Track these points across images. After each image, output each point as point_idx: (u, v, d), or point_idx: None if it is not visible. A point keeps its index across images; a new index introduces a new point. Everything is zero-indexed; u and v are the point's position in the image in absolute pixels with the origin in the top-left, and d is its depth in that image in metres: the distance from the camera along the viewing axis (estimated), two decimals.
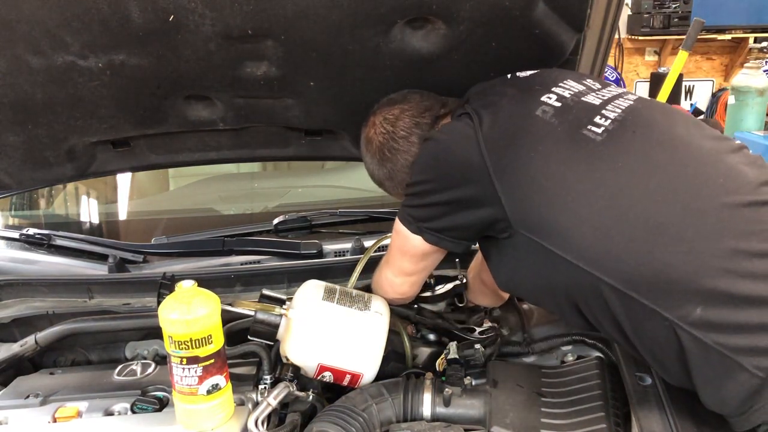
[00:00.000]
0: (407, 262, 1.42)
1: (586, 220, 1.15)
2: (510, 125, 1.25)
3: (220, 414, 1.22)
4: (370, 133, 1.47)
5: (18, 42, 1.30)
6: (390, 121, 1.43)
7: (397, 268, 1.45)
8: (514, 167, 1.20)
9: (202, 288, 1.20)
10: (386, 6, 1.28)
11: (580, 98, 1.28)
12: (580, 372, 1.38)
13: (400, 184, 1.45)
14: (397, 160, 1.44)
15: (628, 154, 1.19)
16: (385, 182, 1.51)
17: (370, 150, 1.48)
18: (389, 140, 1.43)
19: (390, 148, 1.44)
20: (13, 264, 1.98)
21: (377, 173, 1.50)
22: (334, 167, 2.69)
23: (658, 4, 6.82)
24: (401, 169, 1.44)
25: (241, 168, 2.70)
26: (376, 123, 1.45)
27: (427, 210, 1.31)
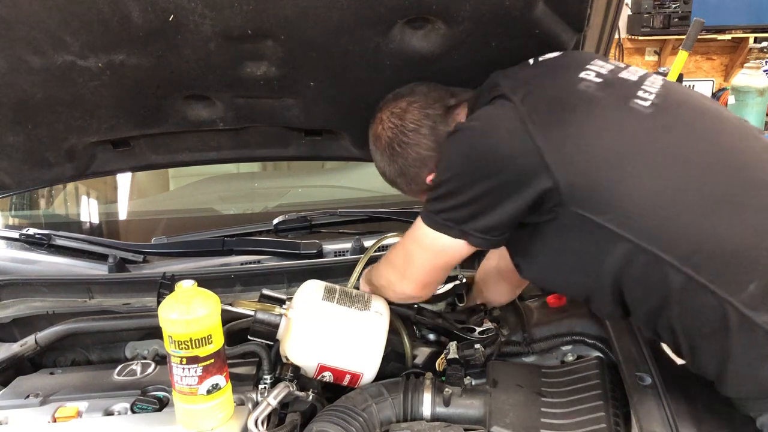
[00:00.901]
0: (436, 273, 1.36)
1: (647, 193, 1.12)
2: (554, 101, 1.20)
3: (220, 414, 1.22)
4: (377, 130, 1.42)
5: (18, 42, 1.30)
6: (397, 115, 1.38)
7: (418, 281, 1.37)
8: (566, 142, 1.15)
9: (202, 288, 1.20)
10: (386, 6, 1.28)
11: (616, 75, 1.25)
12: (580, 372, 1.38)
13: (414, 180, 1.41)
14: (408, 154, 1.38)
15: (681, 126, 1.17)
16: (397, 179, 1.44)
17: (379, 147, 1.42)
18: (398, 134, 1.38)
19: (400, 142, 1.38)
20: (13, 264, 1.98)
21: (388, 170, 1.44)
22: (334, 167, 2.69)
23: (658, 4, 6.82)
24: (414, 164, 1.38)
25: (241, 168, 2.70)
26: (384, 119, 1.40)
27: (470, 208, 1.22)
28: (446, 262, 1.33)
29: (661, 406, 1.20)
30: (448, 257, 1.31)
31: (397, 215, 2.09)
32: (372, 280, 1.52)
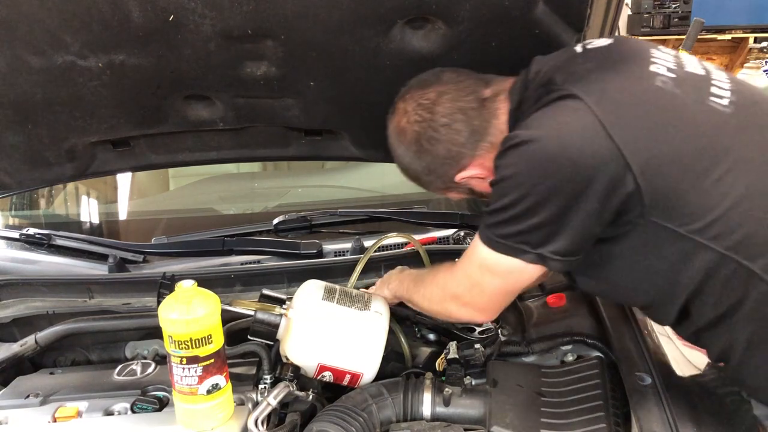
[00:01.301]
0: (508, 297, 1.27)
1: (734, 200, 1.06)
2: (633, 100, 1.11)
3: (220, 414, 1.22)
4: (402, 123, 1.30)
5: (18, 42, 1.30)
6: (426, 107, 1.26)
7: (486, 309, 1.28)
8: (652, 145, 1.07)
9: (202, 288, 1.20)
10: (386, 6, 1.28)
11: (684, 68, 1.17)
12: (580, 372, 1.38)
13: (442, 178, 1.31)
14: (438, 151, 1.26)
15: (757, 127, 1.12)
16: (422, 176, 1.34)
17: (404, 141, 1.30)
18: (427, 129, 1.25)
19: (429, 138, 1.26)
20: (13, 264, 1.98)
21: (413, 167, 1.33)
22: (334, 167, 2.69)
23: (658, 4, 6.82)
24: (443, 161, 1.27)
25: (241, 168, 2.70)
26: (409, 110, 1.28)
27: (547, 228, 1.11)
28: (520, 285, 1.24)
29: (661, 406, 1.20)
30: (522, 281, 1.22)
31: (397, 215, 2.09)
32: (408, 296, 1.45)
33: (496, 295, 1.26)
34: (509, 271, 1.18)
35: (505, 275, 1.20)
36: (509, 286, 1.23)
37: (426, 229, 2.08)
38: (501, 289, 1.24)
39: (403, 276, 1.52)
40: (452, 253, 1.83)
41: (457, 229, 2.06)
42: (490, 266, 1.19)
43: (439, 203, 2.40)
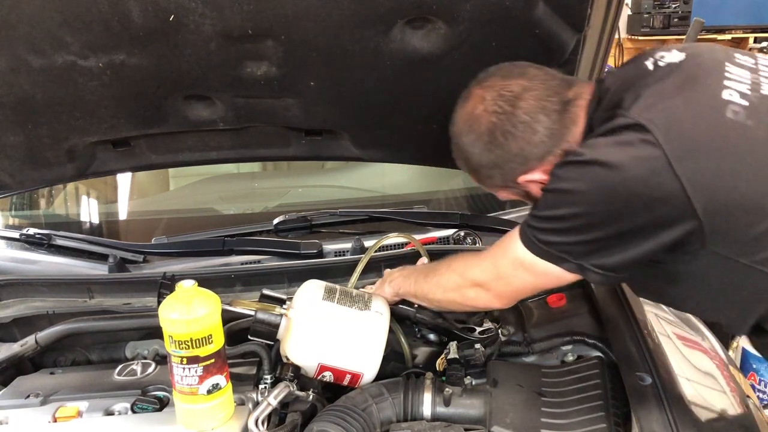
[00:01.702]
0: (533, 292, 1.32)
1: None
2: (701, 135, 1.07)
3: (221, 414, 1.22)
4: (477, 110, 1.23)
5: (18, 42, 1.31)
6: (508, 100, 1.20)
7: (510, 298, 1.31)
8: (718, 186, 1.05)
9: (203, 288, 1.20)
10: (386, 6, 1.28)
11: (759, 90, 1.13)
12: (580, 372, 1.38)
13: (504, 175, 1.26)
14: (510, 147, 1.21)
15: None
16: (483, 170, 1.28)
17: (475, 130, 1.23)
18: (505, 122, 1.20)
19: (505, 132, 1.20)
20: (14, 264, 1.98)
21: (477, 158, 1.26)
22: (334, 167, 2.69)
23: (658, 4, 6.82)
24: (513, 159, 1.22)
25: (241, 168, 2.70)
26: (487, 98, 1.22)
27: (595, 245, 1.11)
28: (550, 285, 1.27)
29: (661, 406, 1.20)
30: (553, 282, 1.23)
31: (397, 215, 2.09)
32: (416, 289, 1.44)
33: (522, 289, 1.28)
34: (544, 273, 1.18)
35: (540, 275, 1.20)
36: (539, 285, 1.26)
37: (426, 229, 2.08)
38: (530, 286, 1.26)
39: (407, 271, 1.51)
40: (452, 253, 1.83)
41: (457, 229, 2.06)
42: (526, 264, 1.20)
43: (439, 203, 2.40)
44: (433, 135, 1.72)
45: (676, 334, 1.55)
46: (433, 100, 1.59)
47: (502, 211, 2.23)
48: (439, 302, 1.43)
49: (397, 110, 1.63)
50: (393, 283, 1.52)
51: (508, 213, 2.20)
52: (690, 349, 1.54)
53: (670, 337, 1.49)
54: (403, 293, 1.50)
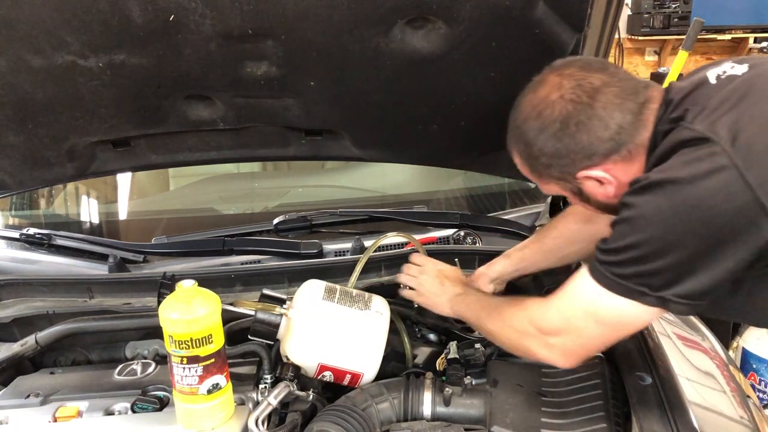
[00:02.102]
0: (603, 346, 1.23)
1: None
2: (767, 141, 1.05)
3: (221, 413, 1.22)
4: (552, 96, 1.19)
5: (18, 42, 1.30)
6: (587, 91, 1.16)
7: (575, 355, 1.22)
8: None
9: (203, 288, 1.20)
10: (386, 6, 1.28)
11: None
12: (580, 372, 1.38)
13: (564, 167, 1.21)
14: (580, 139, 1.17)
15: None
16: (543, 158, 1.22)
17: (546, 115, 1.19)
18: (581, 113, 1.16)
19: (579, 122, 1.16)
20: (14, 264, 1.98)
21: (541, 144, 1.21)
22: (334, 167, 2.69)
23: (658, 4, 6.83)
24: (579, 152, 1.18)
25: (241, 168, 2.70)
26: (565, 86, 1.18)
27: (673, 272, 1.07)
28: (623, 335, 1.19)
29: (661, 406, 1.20)
30: (628, 329, 1.18)
31: (397, 215, 2.09)
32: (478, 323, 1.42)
33: (593, 343, 1.21)
34: (620, 316, 1.13)
35: (614, 322, 1.15)
36: (613, 334, 1.18)
37: (426, 229, 2.08)
38: (602, 338, 1.19)
39: (471, 298, 1.49)
40: (452, 253, 1.84)
41: (457, 229, 2.06)
42: (599, 311, 1.14)
43: (439, 203, 2.40)
44: (433, 135, 1.73)
45: (676, 334, 1.55)
46: (433, 100, 1.59)
47: (502, 211, 2.23)
48: (502, 345, 1.38)
49: (397, 110, 1.63)
50: (454, 308, 1.50)
51: (508, 213, 2.20)
52: (690, 349, 1.54)
53: (670, 337, 1.49)
54: (465, 319, 1.49)
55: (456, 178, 2.49)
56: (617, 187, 1.21)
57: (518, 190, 2.36)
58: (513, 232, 2.02)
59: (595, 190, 1.24)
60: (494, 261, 1.67)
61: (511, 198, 2.37)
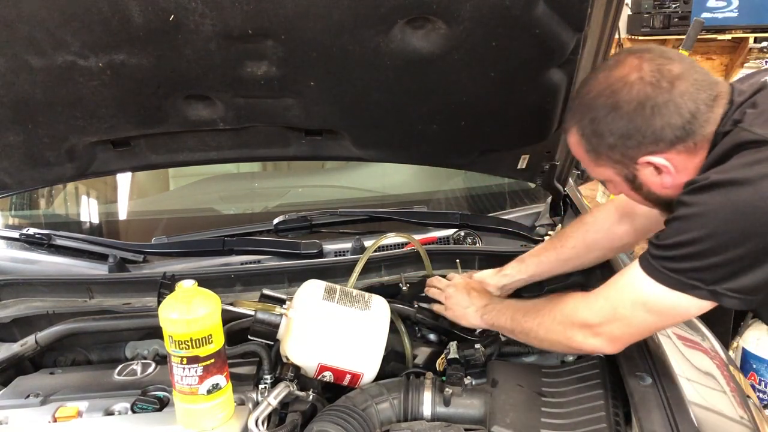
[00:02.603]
0: (649, 334, 1.27)
1: None
2: None
3: (221, 414, 1.22)
4: (631, 77, 1.19)
5: (18, 42, 1.30)
6: (667, 77, 1.16)
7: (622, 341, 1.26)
8: None
9: (203, 288, 1.20)
10: (386, 6, 1.28)
11: None
12: (580, 372, 1.38)
13: (627, 150, 1.21)
14: (653, 123, 1.17)
15: None
16: (607, 137, 1.22)
17: (622, 95, 1.18)
18: (658, 97, 1.16)
19: (654, 105, 1.16)
20: (13, 264, 1.98)
21: (609, 123, 1.20)
22: (334, 167, 2.69)
23: (658, 4, 6.83)
24: (649, 135, 1.18)
25: (241, 168, 2.70)
26: (645, 69, 1.18)
27: (729, 267, 1.10)
28: (671, 324, 1.24)
29: (661, 406, 1.20)
30: (676, 320, 1.22)
31: (397, 215, 2.09)
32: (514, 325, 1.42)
33: (640, 332, 1.24)
34: (671, 308, 1.17)
35: (664, 313, 1.18)
36: (661, 323, 1.22)
37: (426, 229, 2.08)
38: (650, 327, 1.23)
39: (502, 305, 1.50)
40: (452, 253, 1.84)
41: (457, 229, 2.06)
42: (649, 302, 1.18)
43: (439, 203, 2.40)
44: (433, 135, 1.73)
45: (676, 334, 1.55)
46: (433, 100, 1.59)
47: (502, 211, 2.23)
48: (540, 342, 1.39)
49: (397, 110, 1.62)
50: (485, 318, 1.51)
51: (508, 213, 2.20)
52: (690, 349, 1.54)
53: (670, 337, 1.49)
54: (497, 327, 1.49)
55: (456, 178, 2.49)
56: (674, 177, 1.22)
57: (518, 190, 2.37)
58: (513, 232, 2.02)
59: (651, 179, 1.25)
60: (507, 266, 1.68)
61: (511, 198, 2.37)
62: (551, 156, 1.85)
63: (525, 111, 1.62)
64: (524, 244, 1.95)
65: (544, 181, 1.96)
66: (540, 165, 1.89)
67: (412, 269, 1.82)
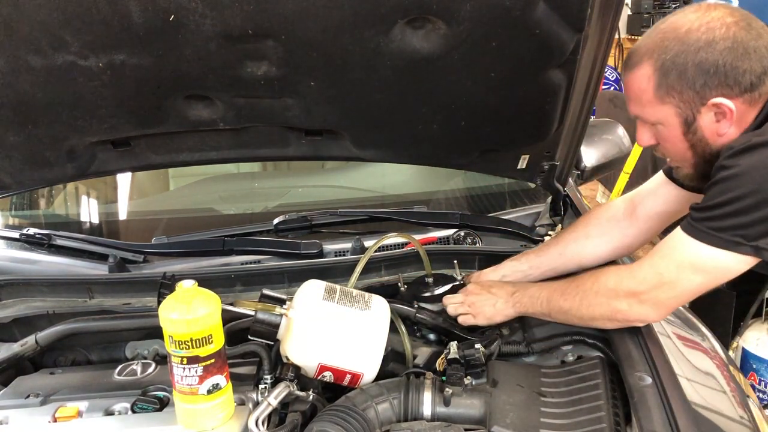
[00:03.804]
0: (696, 295, 1.30)
1: None
2: None
3: (221, 414, 1.22)
4: (726, 18, 1.25)
5: (18, 42, 1.30)
6: (755, 28, 1.25)
7: (669, 306, 1.33)
8: None
9: (203, 288, 1.20)
10: (386, 6, 1.28)
11: None
12: (580, 372, 1.38)
13: (703, 87, 1.26)
14: (739, 66, 1.23)
15: None
16: (690, 68, 1.26)
17: (718, 32, 1.24)
18: (749, 43, 1.23)
19: (746, 49, 1.23)
20: (13, 264, 1.98)
21: (699, 54, 1.25)
22: (334, 167, 2.69)
23: (658, 4, 6.82)
24: (732, 76, 1.24)
25: (241, 168, 2.70)
26: (735, 15, 1.25)
27: None
28: (717, 282, 1.28)
29: (661, 406, 1.20)
30: (721, 277, 1.26)
31: (398, 215, 2.09)
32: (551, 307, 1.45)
33: (687, 293, 1.30)
34: (716, 267, 1.23)
35: (710, 272, 1.24)
36: (708, 283, 1.27)
37: (426, 229, 2.08)
38: (697, 287, 1.28)
39: (533, 290, 1.52)
40: (452, 253, 1.84)
41: (457, 229, 2.06)
42: (695, 262, 1.24)
43: (439, 203, 2.40)
44: (433, 135, 1.73)
45: (676, 334, 1.55)
46: (433, 100, 1.59)
47: (502, 211, 2.23)
48: (580, 319, 1.42)
49: (396, 110, 1.63)
50: (517, 306, 1.52)
51: (508, 213, 2.20)
52: (690, 349, 1.54)
53: (670, 337, 1.49)
54: (532, 313, 1.51)
55: (456, 178, 2.49)
56: (729, 127, 1.27)
57: (518, 190, 2.37)
58: (513, 232, 2.02)
59: (708, 125, 1.30)
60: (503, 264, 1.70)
61: (511, 198, 2.37)
62: (551, 156, 1.85)
63: (525, 111, 1.62)
64: (524, 244, 1.95)
65: (544, 181, 1.96)
66: (540, 165, 1.89)
67: (413, 269, 1.82)
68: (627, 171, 4.54)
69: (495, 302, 1.55)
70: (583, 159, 2.38)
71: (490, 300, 1.56)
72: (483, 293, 1.59)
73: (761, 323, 2.80)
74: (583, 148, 2.27)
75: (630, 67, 1.35)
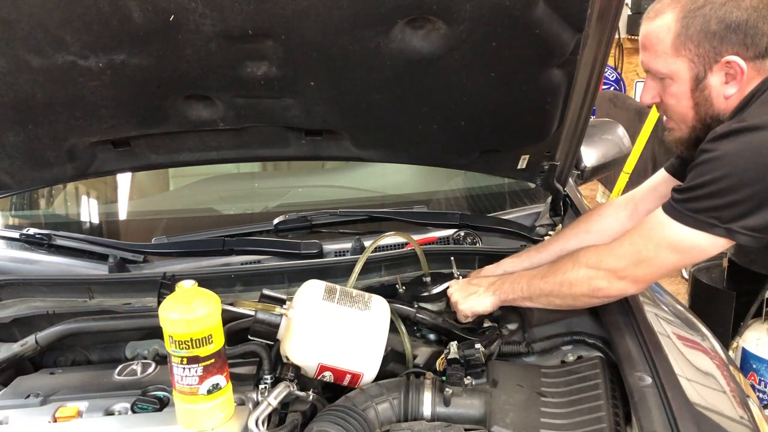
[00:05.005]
0: (671, 272, 1.35)
1: None
2: None
3: (221, 414, 1.22)
4: None
5: (18, 42, 1.30)
6: None
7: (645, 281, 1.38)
8: None
9: (203, 288, 1.20)
10: (386, 6, 1.28)
11: None
12: (580, 372, 1.38)
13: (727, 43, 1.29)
14: (762, 27, 1.27)
15: None
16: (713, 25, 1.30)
17: None
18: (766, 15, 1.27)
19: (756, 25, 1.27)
20: (13, 264, 1.98)
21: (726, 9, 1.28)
22: (334, 167, 2.69)
23: None
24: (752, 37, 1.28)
25: (241, 168, 2.70)
26: None
27: (744, 205, 1.20)
28: (691, 261, 1.36)
29: (661, 406, 1.20)
30: (695, 257, 1.31)
31: (397, 215, 2.09)
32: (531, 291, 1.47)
33: (662, 271, 1.34)
34: (692, 246, 1.26)
35: (686, 250, 1.28)
36: (684, 261, 1.33)
37: (426, 229, 2.08)
38: (673, 265, 1.32)
39: (513, 277, 1.53)
40: (452, 253, 1.84)
41: (457, 229, 2.06)
42: (673, 241, 1.28)
43: (439, 203, 2.40)
44: (433, 135, 1.73)
45: (676, 334, 1.55)
46: (433, 100, 1.59)
47: (502, 211, 2.23)
48: (563, 300, 1.44)
49: (396, 110, 1.63)
50: (498, 293, 1.53)
51: (508, 213, 2.20)
52: (690, 349, 1.54)
53: (670, 337, 1.49)
54: (512, 299, 1.52)
55: (456, 178, 2.49)
56: (735, 89, 1.31)
57: (518, 190, 2.37)
58: (513, 232, 2.02)
59: (717, 84, 1.33)
60: (503, 261, 1.70)
61: (511, 198, 2.37)
62: (551, 156, 1.85)
63: (525, 111, 1.62)
64: (524, 244, 1.95)
65: (544, 181, 1.96)
66: (540, 165, 1.89)
67: (412, 269, 1.82)
68: (627, 171, 4.55)
69: (477, 292, 1.56)
70: (583, 159, 2.38)
71: (470, 290, 1.57)
72: (464, 283, 1.61)
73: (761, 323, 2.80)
74: (583, 148, 2.28)
75: (651, 16, 1.40)
